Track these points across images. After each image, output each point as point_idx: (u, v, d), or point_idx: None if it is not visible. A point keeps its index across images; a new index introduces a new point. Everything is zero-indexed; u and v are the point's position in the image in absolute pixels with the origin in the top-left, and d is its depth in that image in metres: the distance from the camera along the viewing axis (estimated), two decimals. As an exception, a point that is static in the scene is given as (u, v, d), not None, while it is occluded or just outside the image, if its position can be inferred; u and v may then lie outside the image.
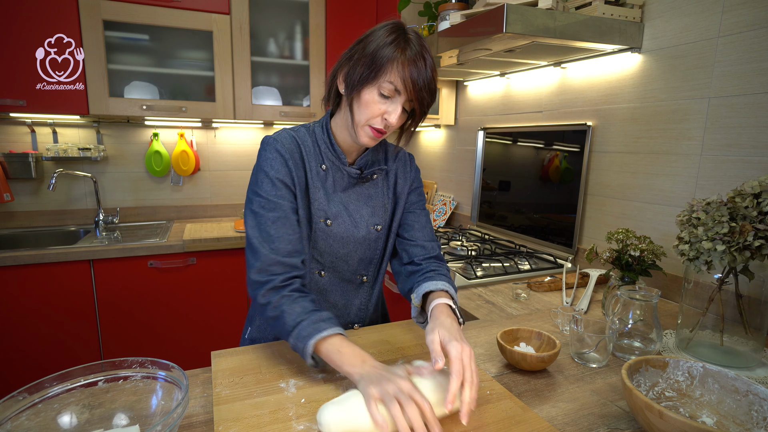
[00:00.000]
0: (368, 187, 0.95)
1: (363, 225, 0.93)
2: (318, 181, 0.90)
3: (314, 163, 0.89)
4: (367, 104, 0.80)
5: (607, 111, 1.47)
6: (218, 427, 0.62)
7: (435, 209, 2.44)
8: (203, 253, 1.98)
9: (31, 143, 2.13)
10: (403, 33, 0.80)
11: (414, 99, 0.80)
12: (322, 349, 0.73)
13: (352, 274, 0.97)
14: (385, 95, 0.80)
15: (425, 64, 0.79)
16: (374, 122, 0.82)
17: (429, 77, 0.79)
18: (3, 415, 0.56)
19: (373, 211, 0.95)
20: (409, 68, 0.77)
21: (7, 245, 2.04)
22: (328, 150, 0.90)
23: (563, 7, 1.34)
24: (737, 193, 0.84)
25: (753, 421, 0.62)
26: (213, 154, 2.49)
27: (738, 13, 1.10)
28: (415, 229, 0.97)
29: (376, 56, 0.78)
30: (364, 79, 0.79)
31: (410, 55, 0.78)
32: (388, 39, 0.79)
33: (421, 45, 0.80)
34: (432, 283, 0.86)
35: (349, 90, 0.83)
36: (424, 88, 0.79)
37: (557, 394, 0.75)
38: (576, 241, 1.58)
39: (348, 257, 0.95)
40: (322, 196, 0.90)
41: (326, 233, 0.90)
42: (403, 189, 0.99)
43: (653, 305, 0.89)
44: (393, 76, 0.78)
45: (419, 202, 1.01)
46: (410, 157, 1.03)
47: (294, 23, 2.29)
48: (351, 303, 1.00)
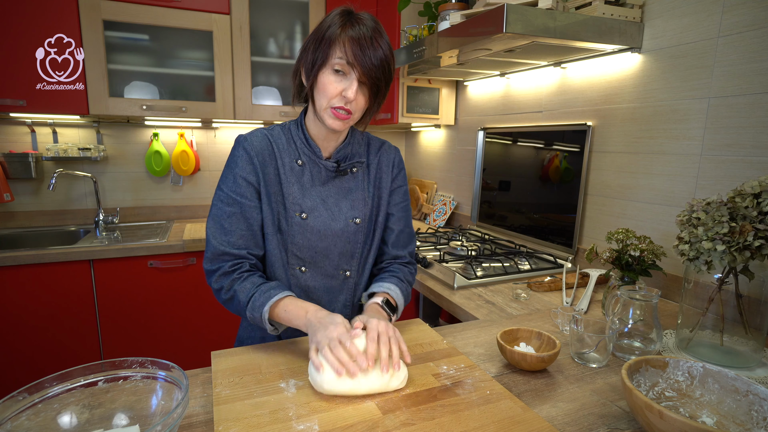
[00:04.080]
0: (347, 181, 0.96)
1: (341, 218, 0.94)
2: (292, 176, 0.91)
3: (288, 159, 0.92)
4: (324, 86, 0.83)
5: (607, 111, 1.47)
6: (218, 427, 0.62)
7: (435, 209, 2.44)
8: (203, 253, 1.97)
9: (31, 143, 2.13)
10: (350, 14, 0.83)
11: (363, 74, 0.81)
12: (275, 313, 0.82)
13: (334, 269, 0.97)
14: (338, 70, 0.82)
15: (374, 40, 0.81)
16: (334, 102, 0.83)
17: (380, 54, 0.81)
18: (3, 415, 0.56)
19: (352, 204, 0.95)
20: (354, 43, 0.80)
21: (7, 245, 2.04)
22: (304, 145, 0.92)
23: (563, 7, 1.34)
24: (737, 193, 0.84)
25: (753, 421, 0.62)
26: (213, 154, 2.49)
27: (738, 13, 1.10)
28: (393, 233, 1.01)
29: (324, 36, 0.82)
30: (318, 62, 0.83)
31: (356, 32, 0.80)
32: (335, 20, 0.82)
33: (374, 25, 0.82)
34: (377, 285, 0.95)
35: (307, 78, 0.86)
36: (372, 61, 0.80)
37: (557, 394, 0.75)
38: (576, 241, 1.58)
39: (328, 251, 0.95)
40: (296, 190, 0.91)
41: (303, 227, 0.91)
42: (386, 183, 0.99)
43: (653, 305, 0.89)
44: (341, 51, 0.80)
45: (401, 202, 1.02)
46: (395, 150, 1.03)
47: (294, 23, 2.29)
48: (335, 299, 0.99)
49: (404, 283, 0.98)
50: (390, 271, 0.99)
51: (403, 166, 1.04)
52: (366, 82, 0.83)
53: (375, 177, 0.99)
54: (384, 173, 0.99)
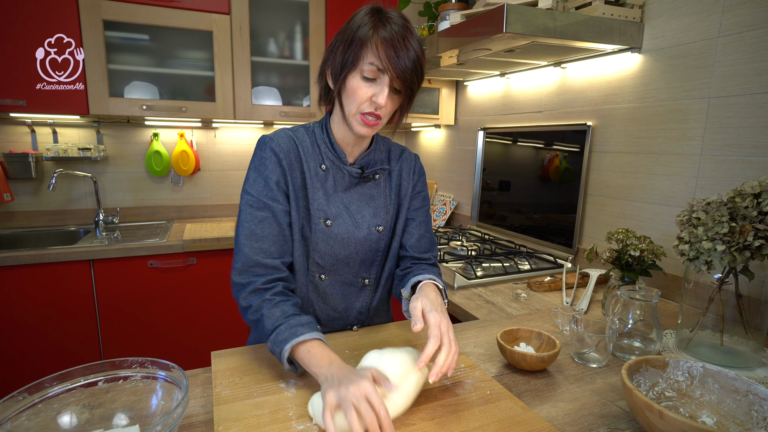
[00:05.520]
0: (370, 188, 0.93)
1: (364, 225, 0.91)
2: (317, 182, 0.88)
3: (313, 163, 0.88)
4: (353, 91, 0.78)
5: (607, 111, 1.47)
6: (218, 427, 0.62)
7: (435, 209, 2.44)
8: (203, 253, 1.98)
9: (31, 143, 2.13)
10: (380, 12, 0.78)
11: (396, 77, 0.76)
12: (297, 353, 0.72)
13: (353, 277, 0.95)
14: (369, 77, 0.77)
15: (406, 40, 0.76)
16: (364, 108, 0.80)
17: (412, 55, 0.76)
18: (3, 415, 0.56)
19: (375, 211, 0.93)
20: (388, 45, 0.75)
21: (7, 245, 2.04)
22: (328, 149, 0.89)
23: (563, 7, 1.34)
24: (737, 193, 0.84)
25: (753, 421, 0.62)
26: (213, 154, 2.49)
27: (738, 13, 1.10)
28: (414, 238, 0.97)
29: (354, 39, 0.77)
30: (346, 65, 0.78)
31: (389, 32, 0.75)
32: (364, 20, 0.77)
33: (403, 22, 0.78)
34: (421, 275, 0.88)
35: (335, 81, 0.81)
36: (406, 64, 0.76)
37: (557, 394, 0.75)
38: (576, 241, 1.58)
39: (349, 259, 0.93)
40: (321, 196, 0.88)
41: (326, 234, 0.88)
42: (406, 191, 0.97)
43: (653, 305, 0.89)
44: (372, 56, 0.76)
45: (422, 208, 0.99)
46: (415, 158, 1.01)
47: (294, 23, 2.29)
48: (352, 306, 0.97)
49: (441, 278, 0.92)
50: (421, 267, 0.93)
51: (424, 173, 1.01)
52: (399, 86, 0.79)
53: (396, 184, 0.96)
54: (404, 180, 0.97)
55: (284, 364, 0.73)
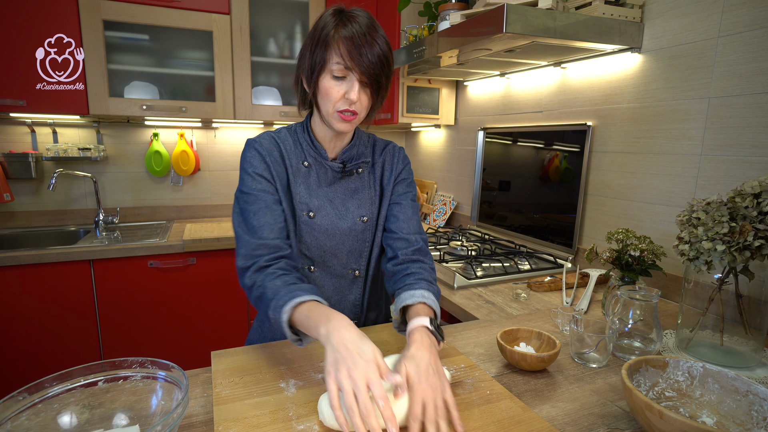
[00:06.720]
0: (354, 181, 0.96)
1: (348, 216, 0.94)
2: (300, 177, 0.92)
3: (295, 160, 0.92)
4: (327, 91, 0.82)
5: (607, 111, 1.47)
6: (218, 427, 0.62)
7: (435, 209, 2.44)
8: (203, 253, 1.98)
9: (31, 143, 2.13)
10: (342, 12, 0.81)
11: (362, 74, 0.80)
12: (297, 319, 0.70)
13: (342, 268, 0.97)
14: (338, 76, 0.81)
15: (369, 36, 0.79)
16: (339, 106, 0.83)
17: (377, 50, 0.79)
18: (3, 415, 0.56)
19: (359, 203, 0.95)
20: (350, 43, 0.78)
21: (7, 245, 2.04)
22: (309, 147, 0.93)
23: (563, 7, 1.34)
24: (737, 193, 0.84)
25: (753, 421, 0.62)
26: (213, 154, 2.49)
27: (738, 13, 1.10)
28: (399, 220, 0.95)
29: (319, 41, 0.80)
30: (315, 67, 0.82)
31: (349, 31, 0.78)
32: (327, 21, 0.80)
33: (367, 20, 0.80)
34: (409, 293, 0.82)
35: (309, 84, 0.85)
36: (370, 60, 0.79)
37: (557, 394, 0.75)
38: (576, 241, 1.58)
39: (336, 250, 0.94)
40: (303, 190, 0.91)
41: (310, 226, 0.91)
42: (389, 180, 0.98)
43: (653, 305, 0.89)
44: (336, 56, 0.79)
45: (406, 193, 0.99)
46: (399, 149, 1.02)
47: (294, 23, 2.29)
48: (345, 299, 0.99)
49: (434, 285, 0.87)
50: (413, 274, 0.87)
51: (408, 162, 1.02)
52: (366, 81, 0.82)
53: (379, 175, 0.99)
54: (386, 170, 0.99)
55: (286, 332, 0.72)
